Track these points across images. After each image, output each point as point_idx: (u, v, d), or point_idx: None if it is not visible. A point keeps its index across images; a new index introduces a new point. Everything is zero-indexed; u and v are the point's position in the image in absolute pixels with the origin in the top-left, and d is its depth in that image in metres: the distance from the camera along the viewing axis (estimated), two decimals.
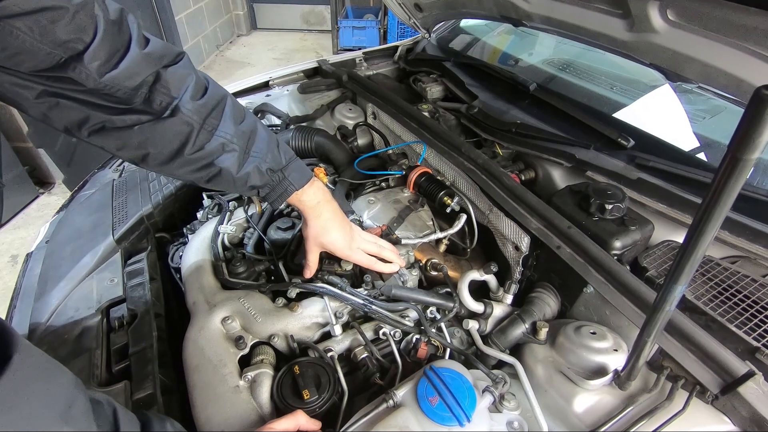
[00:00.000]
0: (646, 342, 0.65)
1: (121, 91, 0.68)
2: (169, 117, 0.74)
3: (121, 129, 0.72)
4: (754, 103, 0.38)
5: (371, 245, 1.04)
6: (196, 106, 0.76)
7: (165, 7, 4.79)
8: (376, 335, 0.97)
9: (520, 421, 0.78)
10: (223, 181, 0.84)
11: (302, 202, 0.95)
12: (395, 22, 5.32)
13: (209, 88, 0.80)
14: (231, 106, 0.82)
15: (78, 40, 0.62)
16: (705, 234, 0.48)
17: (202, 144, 0.78)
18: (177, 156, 0.77)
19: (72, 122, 0.70)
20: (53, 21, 0.58)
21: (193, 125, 0.76)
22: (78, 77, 0.63)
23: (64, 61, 0.62)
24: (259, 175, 0.85)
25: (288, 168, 0.91)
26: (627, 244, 0.98)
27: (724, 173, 0.43)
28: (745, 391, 0.71)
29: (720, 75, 1.03)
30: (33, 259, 1.24)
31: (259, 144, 0.85)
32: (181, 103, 0.74)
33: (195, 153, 0.78)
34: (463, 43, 2.07)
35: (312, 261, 1.02)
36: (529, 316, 0.95)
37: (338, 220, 1.00)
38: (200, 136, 0.77)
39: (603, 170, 1.18)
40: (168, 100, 0.73)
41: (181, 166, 0.79)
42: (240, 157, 0.82)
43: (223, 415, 0.80)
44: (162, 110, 0.73)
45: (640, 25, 1.14)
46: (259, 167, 0.85)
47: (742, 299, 0.90)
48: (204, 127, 0.77)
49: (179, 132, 0.76)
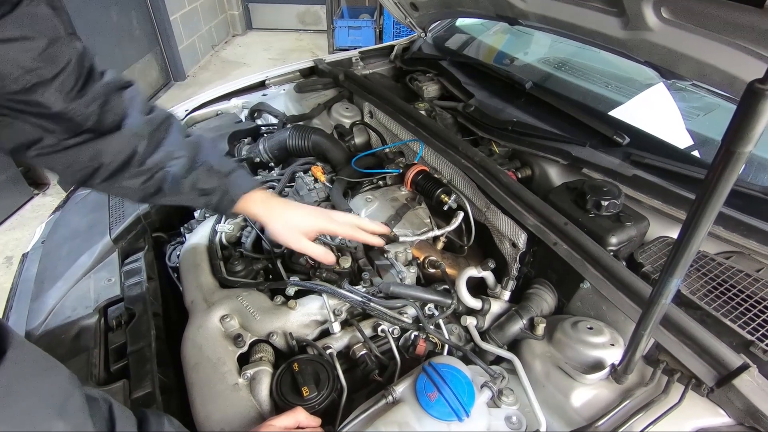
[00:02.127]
0: (643, 335, 0.66)
1: (81, 116, 0.73)
2: (119, 131, 0.77)
3: (71, 148, 0.75)
4: (747, 96, 0.39)
5: (350, 217, 1.04)
6: (144, 120, 0.81)
7: (160, 7, 4.76)
8: (374, 332, 0.97)
9: (519, 416, 0.79)
10: (173, 188, 0.85)
11: (251, 206, 0.94)
12: (391, 21, 5.32)
13: (156, 108, 0.85)
14: (177, 123, 0.87)
15: (47, 68, 0.67)
16: (700, 227, 0.48)
17: (150, 153, 0.81)
18: (127, 166, 0.79)
19: (22, 143, 0.72)
20: (26, 50, 0.64)
21: (143, 136, 0.80)
22: (45, 101, 0.68)
23: (32, 86, 0.66)
24: (207, 176, 0.87)
25: (234, 174, 0.92)
26: (623, 240, 0.99)
27: (719, 166, 0.43)
28: (740, 383, 0.72)
29: (714, 72, 1.04)
30: (29, 260, 1.23)
31: (205, 151, 0.88)
32: (131, 118, 0.79)
33: (145, 162, 0.81)
34: (459, 42, 2.08)
35: (310, 247, 0.98)
36: (526, 312, 0.95)
37: (293, 204, 1.01)
38: (149, 146, 0.81)
39: (599, 167, 1.19)
40: (118, 118, 0.77)
41: (132, 177, 0.81)
42: (187, 163, 0.85)
43: (222, 412, 0.80)
44: (113, 126, 0.77)
45: (634, 23, 1.15)
46: (208, 169, 0.87)
47: (737, 294, 0.91)
48: (152, 138, 0.81)
49: (129, 143, 0.79)
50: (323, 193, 1.32)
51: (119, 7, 4.23)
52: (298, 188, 1.34)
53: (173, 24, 5.02)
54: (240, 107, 1.89)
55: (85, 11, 3.69)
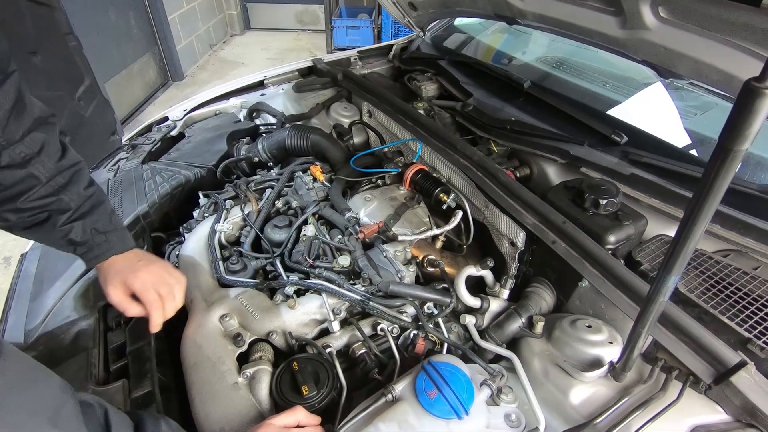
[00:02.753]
0: (641, 333, 0.66)
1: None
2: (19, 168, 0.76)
3: None
4: (744, 94, 0.39)
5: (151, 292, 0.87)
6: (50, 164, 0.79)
7: (158, 7, 4.76)
8: (374, 331, 0.97)
9: (518, 414, 0.79)
10: (42, 230, 0.83)
11: (113, 263, 0.87)
12: (389, 21, 5.33)
13: (67, 153, 0.84)
14: (83, 172, 0.86)
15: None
16: (697, 224, 0.49)
17: (41, 196, 0.79)
18: (11, 201, 0.78)
19: None
20: None
21: (41, 179, 0.78)
22: None
23: None
24: (81, 232, 0.84)
25: (113, 233, 0.88)
26: (621, 238, 0.99)
27: (715, 164, 0.44)
28: (737, 380, 0.72)
29: (711, 71, 1.05)
30: (28, 260, 1.23)
31: (94, 209, 0.86)
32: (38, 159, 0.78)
33: (31, 203, 0.79)
34: (458, 42, 2.08)
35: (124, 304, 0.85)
36: (525, 310, 0.96)
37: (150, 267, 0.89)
38: (42, 189, 0.79)
39: (597, 166, 1.19)
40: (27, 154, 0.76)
41: (10, 212, 0.80)
42: (71, 214, 0.83)
43: (222, 412, 0.80)
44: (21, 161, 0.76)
45: (632, 22, 1.15)
46: (84, 226, 0.85)
47: (734, 291, 0.92)
48: (51, 183, 0.80)
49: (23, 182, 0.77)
50: (322, 192, 1.33)
51: (117, 7, 4.23)
52: (297, 188, 1.34)
53: (171, 24, 5.02)
54: (238, 107, 1.89)
55: (83, 11, 3.68)
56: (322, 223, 1.23)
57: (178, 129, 1.73)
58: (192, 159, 1.51)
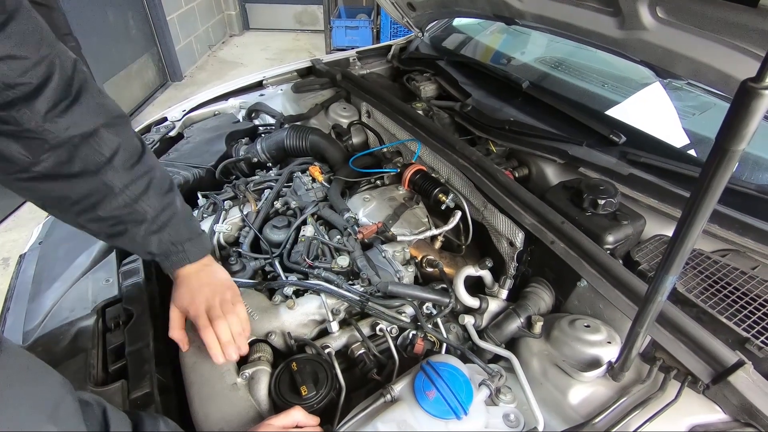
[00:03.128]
0: (639, 333, 0.66)
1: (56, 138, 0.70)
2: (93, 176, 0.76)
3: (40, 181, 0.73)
4: (741, 95, 0.39)
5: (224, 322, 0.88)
6: (123, 172, 0.78)
7: (156, 8, 4.75)
8: (372, 331, 0.97)
9: (517, 414, 0.79)
10: (126, 241, 0.84)
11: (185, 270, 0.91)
12: (388, 21, 5.33)
13: (143, 156, 0.82)
14: (159, 178, 0.85)
15: (30, 84, 0.66)
16: (695, 224, 0.49)
17: (118, 206, 0.79)
18: (91, 210, 0.78)
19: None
20: (11, 68, 0.63)
21: (114, 188, 0.78)
22: (20, 117, 0.66)
23: (10, 101, 0.65)
24: (158, 243, 0.86)
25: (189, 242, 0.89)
26: (619, 238, 0.99)
27: (712, 164, 0.44)
28: (735, 380, 0.72)
29: (709, 71, 1.05)
30: (27, 261, 1.23)
31: (172, 219, 0.86)
32: (110, 165, 0.77)
33: (110, 213, 0.79)
34: (456, 42, 2.08)
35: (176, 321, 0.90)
36: (524, 310, 0.96)
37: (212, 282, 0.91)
38: (118, 199, 0.79)
39: (595, 166, 1.20)
40: (98, 160, 0.75)
41: (91, 222, 0.80)
42: (149, 226, 0.83)
43: (221, 412, 0.80)
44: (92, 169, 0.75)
45: (630, 22, 1.15)
46: (162, 238, 0.85)
47: (732, 291, 0.92)
48: (125, 192, 0.79)
49: (99, 191, 0.77)
50: (321, 192, 1.33)
51: (116, 7, 4.22)
52: (296, 188, 1.35)
53: (170, 24, 5.02)
54: (237, 107, 1.89)
55: (82, 11, 3.68)
56: (320, 223, 1.23)
57: (176, 129, 1.73)
58: (191, 159, 1.51)
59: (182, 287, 0.90)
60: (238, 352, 0.86)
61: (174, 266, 0.89)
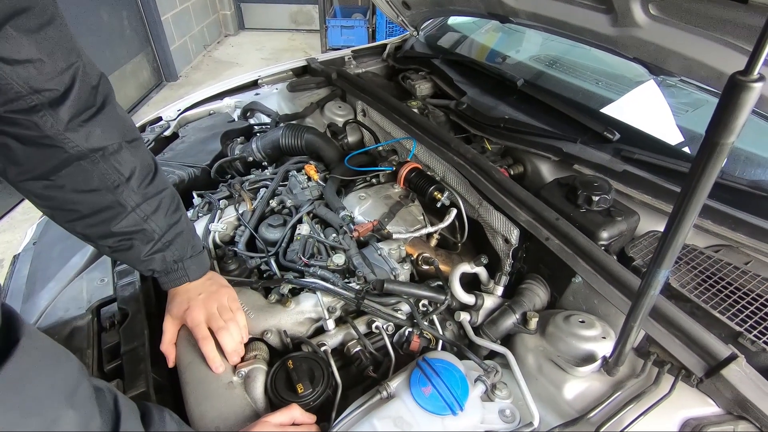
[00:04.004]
0: (633, 327, 0.67)
1: (75, 147, 0.71)
2: (109, 193, 0.77)
3: (57, 189, 0.74)
4: (729, 88, 0.40)
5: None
6: (137, 191, 0.80)
7: (151, 7, 4.73)
8: (369, 329, 0.97)
9: (512, 409, 0.79)
10: (128, 257, 0.85)
11: (181, 290, 0.92)
12: (384, 21, 5.33)
13: (156, 176, 0.84)
14: (169, 197, 0.86)
15: (56, 91, 0.66)
16: (686, 218, 0.49)
17: (128, 224, 0.80)
18: (100, 225, 0.79)
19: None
20: (40, 72, 0.64)
21: (127, 207, 0.79)
22: (42, 123, 0.67)
23: (35, 106, 0.65)
24: (161, 262, 0.87)
25: (190, 259, 0.91)
26: (614, 234, 1.00)
27: (703, 158, 0.44)
28: (728, 373, 0.73)
29: (701, 68, 1.06)
30: (20, 261, 1.22)
31: (177, 238, 0.87)
32: (128, 185, 0.78)
33: (120, 230, 0.80)
34: (452, 41, 2.08)
35: (169, 330, 0.91)
36: (519, 306, 0.96)
37: (209, 297, 0.91)
38: (129, 217, 0.80)
39: (589, 163, 1.20)
40: (117, 179, 0.77)
41: (98, 236, 0.81)
42: (154, 245, 0.84)
43: (217, 410, 0.80)
44: (110, 186, 0.76)
45: (623, 19, 1.16)
46: (165, 257, 0.87)
47: (725, 286, 0.93)
48: (136, 211, 0.80)
49: (112, 208, 0.78)
50: (316, 191, 1.33)
51: (110, 7, 4.20)
52: (292, 187, 1.34)
53: (165, 24, 4.99)
54: (233, 107, 1.88)
55: (75, 10, 3.66)
56: (316, 222, 1.23)
57: (171, 129, 1.72)
58: (186, 159, 1.50)
59: (179, 296, 0.91)
60: (239, 358, 0.87)
61: (173, 284, 0.91)
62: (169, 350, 0.90)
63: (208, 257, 0.97)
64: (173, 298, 0.92)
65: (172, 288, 0.92)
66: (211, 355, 0.85)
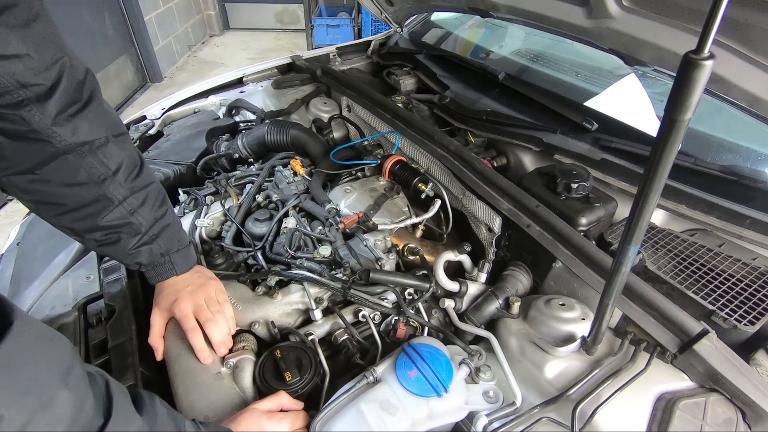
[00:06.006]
0: (608, 304, 0.69)
1: (63, 141, 0.72)
2: (96, 187, 0.77)
3: (44, 183, 0.74)
4: (683, 67, 0.42)
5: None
6: (124, 185, 0.81)
7: (133, 8, 4.68)
8: (356, 318, 0.99)
9: (496, 391, 0.82)
10: (114, 250, 0.86)
11: (169, 283, 0.93)
12: (369, 19, 5.33)
13: (143, 170, 0.85)
14: (155, 191, 0.87)
15: (43, 86, 0.67)
16: (651, 194, 0.52)
17: (115, 218, 0.81)
18: (86, 219, 0.80)
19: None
20: (27, 67, 0.65)
21: (114, 200, 0.80)
22: (30, 118, 0.67)
23: (22, 101, 0.66)
24: (148, 255, 0.88)
25: (177, 253, 0.92)
26: (592, 220, 1.03)
27: (662, 135, 0.46)
28: (700, 348, 0.76)
29: (672, 57, 1.09)
30: (4, 261, 1.22)
31: (163, 231, 0.88)
32: (114, 178, 0.79)
33: (106, 223, 0.81)
34: (435, 37, 2.11)
35: (156, 324, 0.91)
36: (502, 292, 0.98)
37: (196, 291, 0.91)
38: (116, 211, 0.81)
39: (569, 152, 1.23)
40: (104, 172, 0.77)
41: (85, 230, 0.81)
42: (141, 237, 0.85)
43: (206, 401, 0.81)
44: (96, 180, 0.77)
45: (597, 11, 1.19)
46: (152, 250, 0.88)
47: (699, 267, 0.96)
48: (123, 204, 0.81)
49: (99, 201, 0.79)
50: (302, 185, 1.34)
51: (91, 7, 4.15)
52: (278, 182, 1.35)
53: (148, 24, 4.94)
54: (218, 105, 1.88)
55: (56, 11, 3.56)
56: (302, 215, 1.24)
57: (156, 127, 1.72)
58: (171, 157, 1.50)
59: (166, 289, 0.92)
60: (226, 350, 0.88)
61: (160, 278, 0.92)
62: (157, 343, 0.90)
63: (194, 251, 0.98)
64: (161, 291, 0.92)
65: (160, 282, 0.92)
66: (199, 346, 0.85)
